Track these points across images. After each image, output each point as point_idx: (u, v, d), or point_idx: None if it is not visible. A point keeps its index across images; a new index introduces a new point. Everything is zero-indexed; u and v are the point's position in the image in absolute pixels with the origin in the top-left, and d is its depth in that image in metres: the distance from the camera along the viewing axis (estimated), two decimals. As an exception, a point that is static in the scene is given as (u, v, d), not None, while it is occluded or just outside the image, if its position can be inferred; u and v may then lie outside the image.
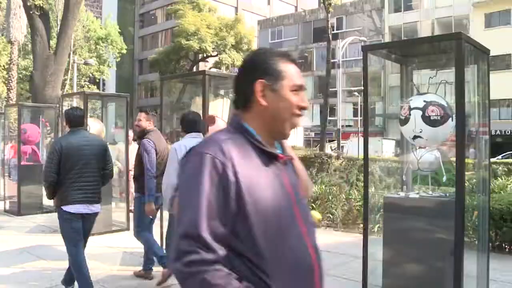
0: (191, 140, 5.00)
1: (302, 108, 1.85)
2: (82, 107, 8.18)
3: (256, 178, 1.70)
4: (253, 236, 1.66)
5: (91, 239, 7.41)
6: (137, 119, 6.16)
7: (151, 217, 5.97)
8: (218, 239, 1.61)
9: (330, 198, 10.09)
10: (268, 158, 1.79)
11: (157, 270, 6.00)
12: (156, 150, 5.77)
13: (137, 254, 7.51)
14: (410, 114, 4.59)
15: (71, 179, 4.92)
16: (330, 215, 9.91)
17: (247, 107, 1.84)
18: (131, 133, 9.61)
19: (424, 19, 44.90)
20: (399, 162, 14.68)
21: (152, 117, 6.38)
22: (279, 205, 1.74)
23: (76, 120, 5.19)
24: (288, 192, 1.81)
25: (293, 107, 1.82)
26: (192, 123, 5.22)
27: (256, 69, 1.82)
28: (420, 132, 4.53)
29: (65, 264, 6.26)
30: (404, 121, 4.69)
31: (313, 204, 10.20)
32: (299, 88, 1.84)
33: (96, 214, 5.25)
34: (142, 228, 6.03)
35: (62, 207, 4.97)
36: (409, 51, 5.33)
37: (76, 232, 5.06)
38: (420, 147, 4.85)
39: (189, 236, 1.60)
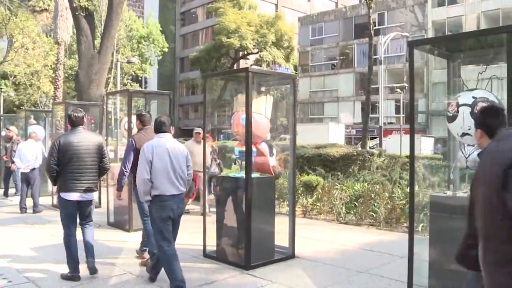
0: (158, 140, 5.52)
1: None
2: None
3: None
4: None
5: (134, 235, 7.51)
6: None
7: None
8: None
9: (372, 196, 9.93)
10: None
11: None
12: (136, 149, 6.20)
13: (179, 250, 7.57)
14: (458, 111, 4.46)
15: (68, 170, 5.80)
16: (373, 214, 9.77)
17: None
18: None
19: (469, 12, 43.74)
20: (442, 159, 14.36)
21: (143, 116, 6.97)
22: None
23: (76, 120, 6.04)
24: None
25: None
26: (160, 125, 5.62)
27: None
28: (469, 129, 4.39)
29: (110, 258, 6.39)
30: (452, 118, 4.56)
31: (355, 203, 10.09)
32: None
33: (90, 201, 6.08)
34: (145, 216, 6.33)
35: (60, 193, 5.92)
36: (456, 46, 5.17)
37: (70, 216, 5.99)
38: (468, 145, 4.71)
39: None
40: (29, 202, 11.45)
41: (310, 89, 56.28)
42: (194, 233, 8.37)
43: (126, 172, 6.39)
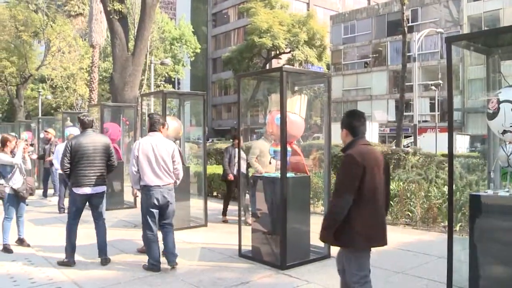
0: (146, 137, 6.39)
1: None
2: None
3: None
4: None
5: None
6: None
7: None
8: None
9: (408, 195, 9.77)
10: None
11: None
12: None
13: (215, 249, 7.62)
14: (498, 108, 4.33)
15: (79, 168, 6.56)
16: (409, 213, 9.62)
17: None
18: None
19: (507, 6, 42.64)
20: (480, 158, 14.04)
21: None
22: None
23: (87, 123, 6.85)
24: None
25: None
26: (151, 124, 6.44)
27: None
28: (511, 126, 4.27)
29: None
30: (492, 115, 4.43)
31: (391, 202, 9.94)
32: None
33: (100, 193, 6.80)
34: None
35: (72, 188, 6.68)
36: (496, 41, 5.03)
37: (77, 209, 6.78)
38: (510, 142, 4.58)
39: None
40: (67, 202, 11.69)
41: (343, 87, 55.87)
42: (229, 233, 8.42)
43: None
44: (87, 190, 6.62)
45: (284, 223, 6.31)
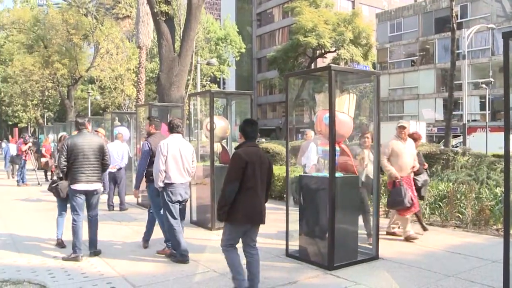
0: (172, 139, 6.80)
1: None
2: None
3: None
4: None
5: (216, 233, 7.63)
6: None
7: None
8: None
9: (458, 197, 9.52)
10: None
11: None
12: (151, 149, 7.27)
13: (262, 248, 7.62)
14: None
15: (75, 166, 6.97)
16: (459, 215, 9.37)
17: None
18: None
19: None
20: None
21: (155, 122, 7.93)
22: None
23: (81, 124, 7.27)
24: None
25: None
26: (175, 127, 6.91)
27: None
28: None
29: (193, 256, 6.55)
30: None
31: (440, 203, 9.72)
32: None
33: (95, 190, 7.19)
34: (158, 209, 7.25)
35: (70, 185, 7.07)
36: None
37: (78, 205, 7.14)
38: None
39: None
40: (116, 200, 11.96)
41: (389, 86, 55.01)
42: (276, 232, 8.41)
43: (144, 170, 7.41)
44: (82, 186, 7.04)
45: (332, 223, 6.26)
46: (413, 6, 55.40)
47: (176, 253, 6.79)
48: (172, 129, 6.91)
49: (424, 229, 8.72)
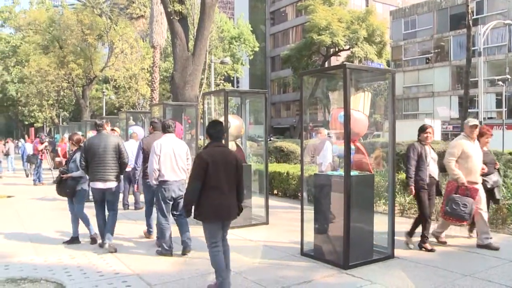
0: (165, 139, 7.17)
1: None
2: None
3: None
4: None
5: (231, 232, 7.64)
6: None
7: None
8: None
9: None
10: None
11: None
12: (143, 148, 8.05)
13: (277, 247, 7.63)
14: None
15: (93, 165, 7.46)
16: (476, 214, 9.26)
17: None
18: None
19: None
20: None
21: (154, 124, 8.48)
22: None
23: (99, 126, 7.77)
24: None
25: None
26: (167, 127, 7.29)
27: None
28: None
29: (205, 254, 6.54)
30: None
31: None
32: None
33: (110, 188, 7.56)
34: (151, 205, 8.07)
35: (90, 183, 7.63)
36: None
37: (95, 202, 7.71)
38: None
39: None
40: (131, 199, 12.02)
41: (404, 84, 54.62)
42: (290, 231, 8.40)
43: (138, 167, 8.37)
44: (99, 185, 7.48)
45: (347, 222, 6.23)
46: (427, 3, 54.90)
47: (162, 246, 7.22)
48: (165, 129, 7.32)
49: (471, 233, 8.27)
